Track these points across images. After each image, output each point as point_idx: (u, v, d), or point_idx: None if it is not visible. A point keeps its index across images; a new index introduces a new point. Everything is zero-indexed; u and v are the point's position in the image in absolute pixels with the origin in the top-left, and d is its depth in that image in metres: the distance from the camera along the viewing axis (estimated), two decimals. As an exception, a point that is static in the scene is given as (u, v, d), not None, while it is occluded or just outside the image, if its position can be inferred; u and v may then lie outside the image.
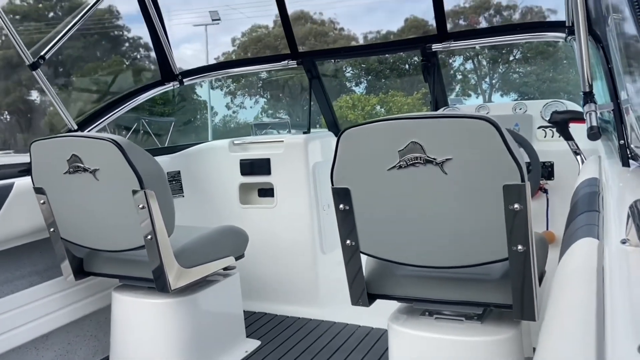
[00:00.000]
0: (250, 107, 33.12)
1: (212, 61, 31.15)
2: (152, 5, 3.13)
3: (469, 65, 31.07)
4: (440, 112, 3.10)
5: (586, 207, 1.22)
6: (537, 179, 2.38)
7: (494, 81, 31.43)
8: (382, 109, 29.63)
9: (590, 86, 1.59)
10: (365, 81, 31.77)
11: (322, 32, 33.51)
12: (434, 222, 1.58)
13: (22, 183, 2.28)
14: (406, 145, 1.56)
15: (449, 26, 2.75)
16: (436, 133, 1.52)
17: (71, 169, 2.07)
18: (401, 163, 1.58)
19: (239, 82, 31.53)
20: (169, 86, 3.35)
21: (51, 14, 30.04)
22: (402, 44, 3.16)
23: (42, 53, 2.53)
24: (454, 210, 1.55)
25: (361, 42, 33.09)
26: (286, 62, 3.33)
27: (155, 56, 3.32)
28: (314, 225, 3.18)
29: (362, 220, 1.71)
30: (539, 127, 2.82)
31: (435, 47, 2.94)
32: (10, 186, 2.24)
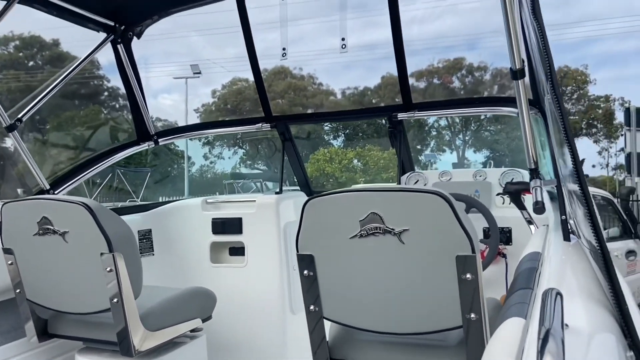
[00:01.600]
0: (229, 158, 33.33)
1: (191, 112, 31.43)
2: (131, 69, 3.25)
3: (443, 122, 32.13)
4: (406, 177, 3.24)
5: (523, 283, 1.32)
6: (495, 244, 2.49)
7: (467, 138, 32.48)
8: (359, 163, 30.13)
9: (536, 163, 1.72)
10: (342, 135, 32.45)
11: (301, 86, 34.41)
12: (393, 290, 1.65)
13: None
14: (367, 215, 1.65)
15: (423, 85, 2.94)
16: (394, 205, 1.62)
17: (41, 231, 2.09)
18: (362, 232, 1.67)
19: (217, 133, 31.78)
20: (144, 146, 3.43)
21: (31, 63, 30.27)
22: (371, 111, 3.33)
23: (19, 115, 2.59)
24: (411, 278, 1.63)
25: (339, 97, 34.03)
26: (260, 125, 3.45)
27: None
28: (284, 286, 3.20)
29: (325, 287, 1.77)
30: (497, 194, 2.97)
31: (401, 116, 3.11)
32: None
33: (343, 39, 2.96)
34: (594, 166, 32.75)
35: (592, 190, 6.26)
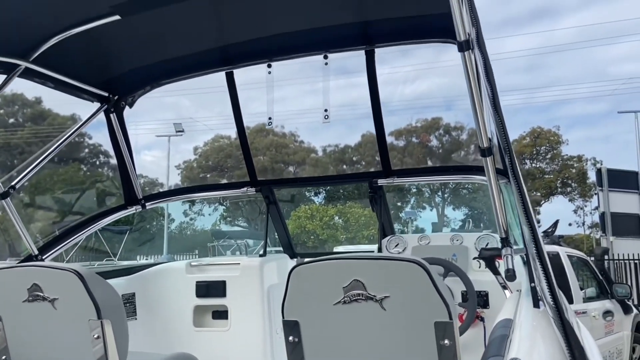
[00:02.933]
0: (209, 215, 33.14)
1: (172, 169, 31.43)
2: (122, 137, 3.38)
3: (422, 179, 32.71)
4: (387, 240, 3.35)
5: (495, 351, 1.41)
6: (473, 308, 2.58)
7: (445, 195, 33.04)
8: (340, 220, 30.23)
9: (506, 232, 1.86)
10: (323, 191, 32.71)
11: (282, 144, 34.96)
12: (375, 356, 1.72)
13: None
14: (350, 282, 1.75)
15: (402, 143, 3.11)
16: (375, 272, 1.72)
17: (30, 298, 2.12)
18: (345, 299, 1.75)
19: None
20: (132, 210, 3.49)
21: (12, 120, 30.30)
22: (352, 177, 3.49)
23: (12, 183, 2.67)
24: (392, 344, 1.70)
25: (320, 154, 34.59)
26: (245, 189, 3.56)
27: (116, 166, 3.47)
28: (267, 350, 3.21)
29: (310, 353, 1.83)
30: (474, 258, 3.09)
31: (381, 182, 3.27)
32: None
33: (326, 110, 3.15)
34: (570, 224, 33.45)
35: (567, 250, 6.44)
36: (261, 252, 3.57)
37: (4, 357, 2.24)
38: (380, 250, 3.33)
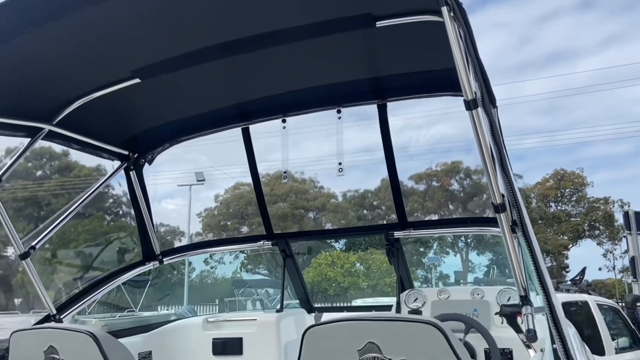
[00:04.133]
0: (230, 263, 33.05)
1: (194, 217, 31.67)
2: (141, 193, 3.44)
3: (444, 224, 32.20)
4: (405, 294, 3.28)
5: None
6: None
7: (469, 240, 32.40)
8: (362, 267, 29.76)
9: (525, 290, 1.81)
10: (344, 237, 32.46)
11: (302, 190, 35.09)
12: None
13: None
14: (364, 345, 1.71)
15: (423, 187, 3.09)
16: (390, 334, 1.68)
17: None
18: None
19: (219, 237, 31.86)
20: (149, 266, 3.51)
21: (39, 172, 31.20)
22: (368, 229, 3.47)
23: (33, 243, 2.72)
24: None
25: (340, 199, 34.56)
26: (262, 242, 3.57)
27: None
28: None
29: None
30: (496, 314, 3.00)
31: (397, 234, 3.24)
32: None
33: (340, 163, 3.17)
34: (600, 269, 32.35)
35: (597, 299, 6.21)
36: (278, 307, 3.52)
37: None
38: (398, 304, 3.26)
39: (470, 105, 1.70)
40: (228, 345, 3.27)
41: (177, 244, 28.58)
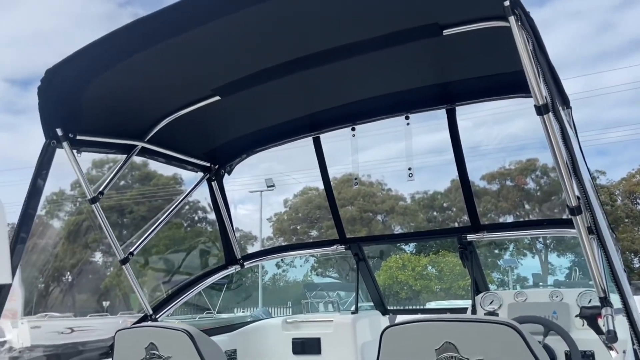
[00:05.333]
0: (300, 266, 33.60)
1: (264, 221, 32.48)
2: (223, 202, 3.68)
3: (519, 224, 30.80)
4: (480, 297, 3.27)
5: None
6: None
7: (548, 241, 30.83)
8: (433, 270, 29.17)
9: (604, 291, 1.79)
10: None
11: (370, 193, 34.96)
12: None
13: None
14: (442, 345, 1.76)
15: (496, 187, 3.07)
16: (467, 335, 1.73)
17: (148, 356, 2.34)
18: None
19: (289, 241, 32.48)
20: (232, 269, 3.74)
21: (122, 182, 33.30)
22: (440, 233, 3.49)
23: (131, 249, 3.01)
24: None
25: (409, 201, 34.06)
26: (335, 247, 3.68)
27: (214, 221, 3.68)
28: None
29: None
30: (576, 316, 2.92)
31: (470, 237, 3.24)
32: None
33: (410, 169, 3.23)
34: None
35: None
36: (353, 309, 3.62)
37: None
38: (473, 307, 3.25)
39: (541, 110, 1.71)
40: (307, 345, 3.41)
41: (249, 248, 29.48)
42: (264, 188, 29.03)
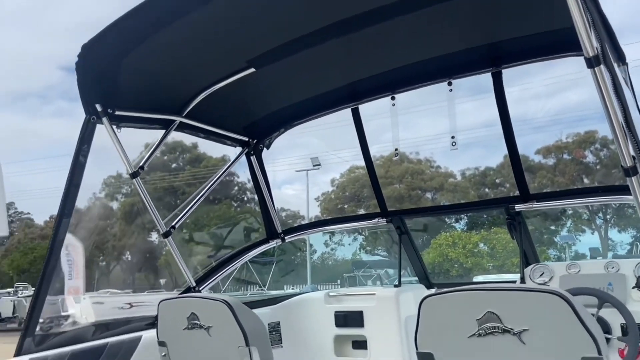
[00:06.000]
0: (349, 245, 33.71)
1: (312, 201, 32.71)
2: (262, 176, 3.68)
3: (577, 199, 29.50)
4: (530, 269, 3.13)
5: None
6: (635, 342, 2.29)
7: (608, 216, 29.39)
8: (485, 247, 28.53)
9: None
10: (465, 217, 31.32)
11: (418, 170, 34.41)
12: None
13: (148, 336, 2.63)
14: (483, 314, 1.68)
15: (552, 161, 2.91)
16: (511, 304, 1.64)
17: (189, 326, 2.38)
18: (480, 331, 1.69)
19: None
20: (273, 244, 3.76)
21: (174, 165, 34.35)
22: (486, 204, 3.33)
23: (173, 223, 3.06)
24: None
25: (459, 178, 33.32)
26: (376, 220, 3.62)
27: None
28: None
29: None
30: (634, 287, 2.75)
31: (519, 207, 3.09)
32: (138, 339, 2.60)
33: (453, 137, 3.10)
34: None
35: None
36: (396, 283, 3.56)
37: None
38: (522, 280, 3.12)
39: (591, 62, 1.57)
40: (349, 318, 3.39)
41: (297, 228, 29.72)
42: (310, 167, 29.15)
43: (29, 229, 38.95)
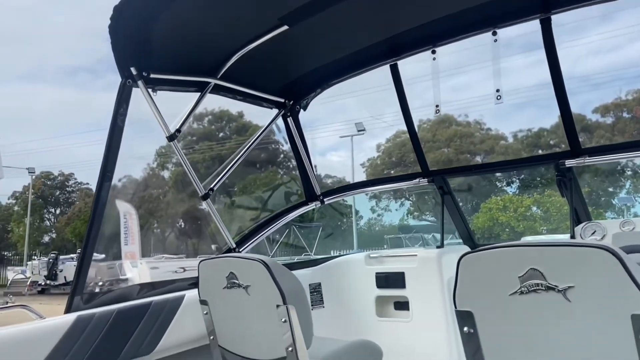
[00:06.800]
0: (396, 210, 33.58)
1: (357, 167, 32.66)
2: (299, 138, 3.64)
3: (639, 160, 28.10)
4: (581, 227, 2.98)
5: None
6: None
7: (672, 175, 27.81)
8: (538, 210, 27.73)
9: None
10: (517, 180, 30.38)
11: (467, 133, 33.50)
12: (561, 350, 1.55)
13: (191, 295, 2.70)
14: (526, 271, 1.60)
15: (610, 120, 2.73)
16: (555, 261, 1.55)
17: (229, 285, 2.42)
18: (522, 289, 1.61)
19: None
20: (312, 206, 3.74)
21: (221, 134, 34.95)
22: (533, 160, 3.18)
23: (211, 185, 3.09)
24: (580, 338, 1.51)
25: (510, 140, 32.23)
26: (418, 180, 3.52)
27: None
28: (452, 342, 3.13)
29: (487, 346, 1.73)
30: None
31: (569, 162, 2.91)
32: (182, 297, 2.67)
33: (498, 90, 2.93)
34: None
35: None
36: (438, 244, 3.49)
37: (211, 338, 2.60)
38: (572, 238, 2.97)
39: None
40: (391, 279, 3.36)
41: (344, 194, 29.79)
42: (355, 133, 28.93)
43: (89, 198, 41.04)
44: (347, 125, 29.32)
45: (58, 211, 43.95)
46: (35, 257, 30.09)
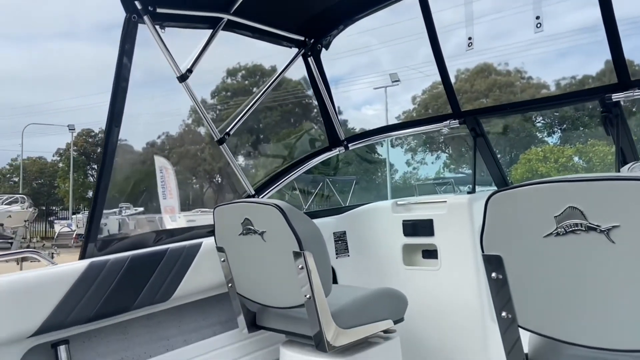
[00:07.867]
0: (432, 163, 33.02)
1: (392, 120, 32.10)
2: (321, 80, 3.44)
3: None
4: (627, 168, 2.72)
5: None
6: None
7: None
8: (581, 160, 26.70)
9: None
10: (559, 130, 29.22)
11: (507, 82, 32.15)
12: (605, 297, 1.38)
13: (208, 242, 2.63)
14: (563, 210, 1.42)
15: None
16: (597, 197, 1.36)
17: (244, 231, 2.33)
18: (559, 230, 1.44)
19: (420, 138, 31.83)
20: (335, 151, 3.58)
21: (254, 89, 34.76)
22: (574, 96, 2.89)
23: (227, 130, 2.96)
24: (625, 282, 1.34)
25: (553, 89, 30.79)
26: (448, 122, 3.30)
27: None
28: (482, 291, 2.98)
29: (518, 292, 1.58)
30: None
31: (616, 96, 2.62)
32: (199, 245, 2.61)
33: (538, 17, 2.64)
34: None
35: None
36: (469, 189, 3.29)
37: (230, 285, 2.53)
38: None
39: None
40: (419, 227, 3.21)
41: (379, 149, 29.48)
42: (389, 83, 28.21)
43: (128, 155, 42.10)
44: (382, 77, 28.63)
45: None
46: (81, 212, 31.39)
